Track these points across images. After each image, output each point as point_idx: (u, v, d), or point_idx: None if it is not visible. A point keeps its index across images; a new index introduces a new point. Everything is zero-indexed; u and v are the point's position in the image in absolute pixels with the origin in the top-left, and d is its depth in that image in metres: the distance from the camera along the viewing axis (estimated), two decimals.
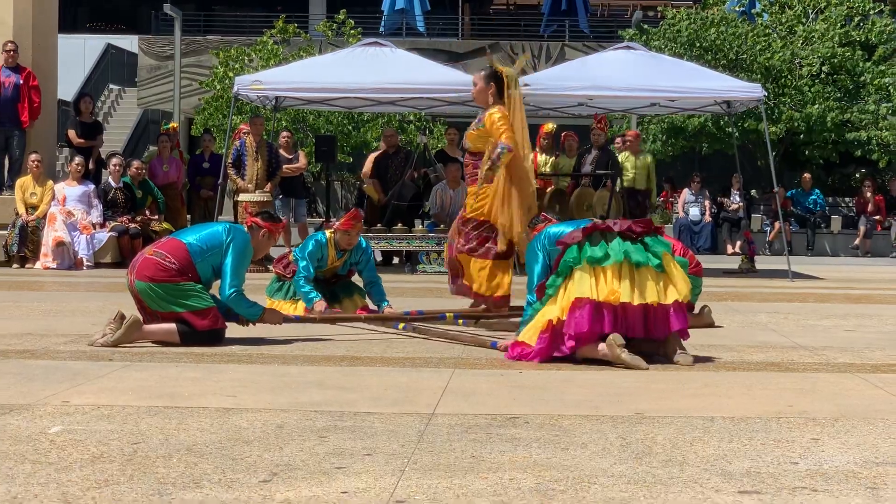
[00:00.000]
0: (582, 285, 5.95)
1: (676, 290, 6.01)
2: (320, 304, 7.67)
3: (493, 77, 7.66)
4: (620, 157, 15.93)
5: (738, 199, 21.49)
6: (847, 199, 24.60)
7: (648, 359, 5.95)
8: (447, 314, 7.74)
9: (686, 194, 22.10)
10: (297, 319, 7.39)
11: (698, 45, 23.39)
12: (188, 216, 16.19)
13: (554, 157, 15.53)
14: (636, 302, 5.91)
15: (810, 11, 25.50)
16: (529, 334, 6.16)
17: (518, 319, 6.85)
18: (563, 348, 5.97)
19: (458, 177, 13.87)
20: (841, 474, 3.64)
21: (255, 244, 6.83)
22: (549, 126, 15.75)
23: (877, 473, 3.66)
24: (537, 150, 15.69)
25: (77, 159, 14.81)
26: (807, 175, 23.31)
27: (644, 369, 5.84)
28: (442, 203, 14.15)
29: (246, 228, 6.90)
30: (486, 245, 7.66)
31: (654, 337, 6.02)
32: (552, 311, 6.05)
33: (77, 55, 30.07)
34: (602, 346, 5.92)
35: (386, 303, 8.05)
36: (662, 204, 22.06)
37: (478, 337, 7.01)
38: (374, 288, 8.20)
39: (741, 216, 20.65)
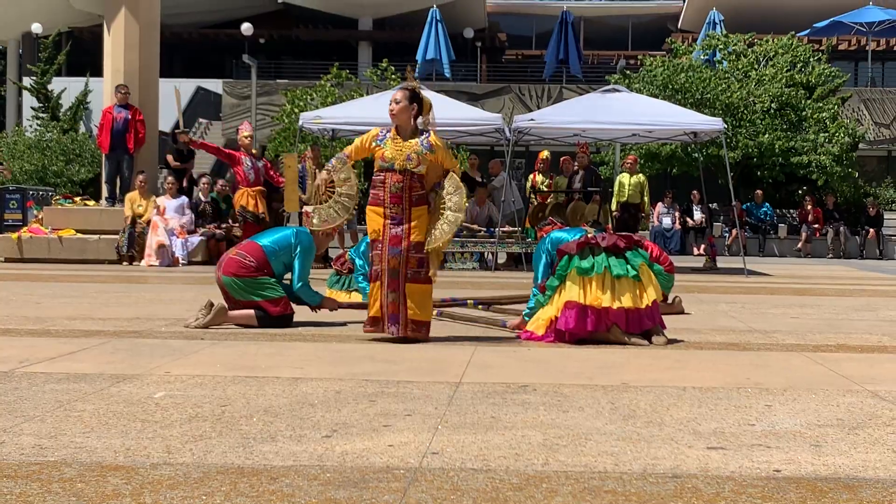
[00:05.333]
0: (572, 291, 6.00)
1: (648, 296, 6.02)
2: None
3: (416, 98, 6.20)
4: (621, 176, 15.93)
5: (698, 212, 21.40)
6: (791, 211, 24.40)
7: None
8: (468, 301, 7.75)
9: (660, 207, 22.01)
10: (349, 306, 7.40)
11: (670, 87, 23.26)
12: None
13: (549, 178, 15.61)
14: (615, 306, 5.93)
15: (762, 59, 25.33)
16: (537, 325, 6.18)
17: (522, 308, 6.87)
18: (565, 340, 5.99)
19: (485, 198, 13.99)
20: (790, 434, 3.62)
21: (317, 242, 6.83)
22: (545, 153, 15.88)
23: (819, 434, 3.64)
24: (536, 171, 15.74)
25: (170, 178, 14.90)
26: (759, 191, 23.15)
27: (645, 345, 5.88)
28: (471, 216, 14.24)
29: (309, 230, 6.92)
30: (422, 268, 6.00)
31: (630, 332, 6.02)
32: (551, 310, 6.10)
33: (173, 96, 30.20)
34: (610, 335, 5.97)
35: None
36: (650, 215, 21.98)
37: (491, 317, 7.09)
38: None
39: (704, 225, 20.52)
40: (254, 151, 12.72)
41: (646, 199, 15.81)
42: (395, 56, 30.69)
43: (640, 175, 16.30)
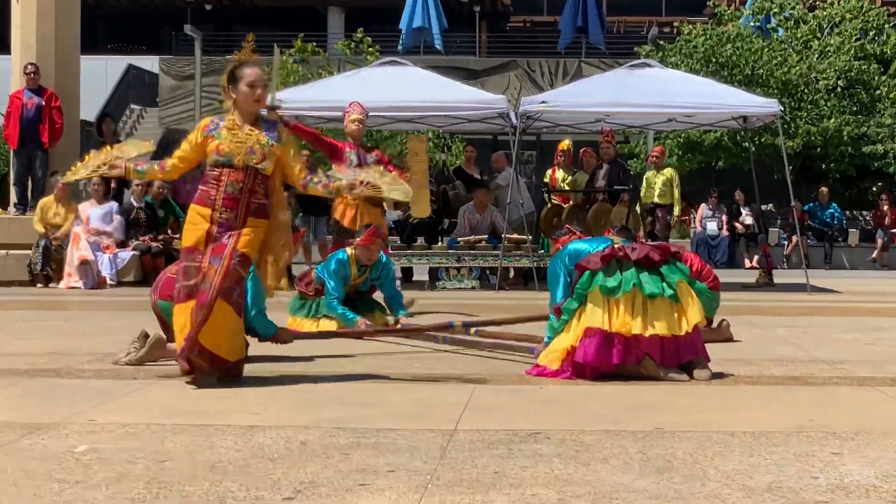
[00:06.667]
0: (594, 315, 6.00)
1: (688, 321, 6.02)
2: (362, 323, 7.72)
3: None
4: (649, 173, 15.94)
5: (749, 215, 21.44)
6: (864, 213, 24.50)
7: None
8: (455, 322, 7.64)
9: (703, 209, 22.07)
10: (312, 336, 7.39)
11: (714, 60, 23.37)
12: None
13: (572, 174, 15.52)
14: (648, 334, 5.93)
15: (825, 26, 25.46)
16: (550, 357, 6.18)
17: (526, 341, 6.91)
18: (586, 376, 5.98)
19: (486, 202, 13.95)
20: (862, 488, 3.62)
21: None
22: (566, 143, 15.75)
23: None
24: (555, 166, 15.72)
25: (95, 178, 14.85)
26: (824, 189, 23.22)
27: (685, 380, 5.90)
28: (469, 225, 14.13)
29: None
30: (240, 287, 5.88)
31: (666, 366, 6.02)
32: (567, 338, 6.08)
33: (99, 76, 30.23)
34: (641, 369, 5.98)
35: (402, 311, 8.10)
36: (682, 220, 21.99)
37: (515, 344, 7.05)
38: (394, 301, 8.27)
39: (757, 231, 20.57)
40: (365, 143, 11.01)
41: (676, 195, 15.82)
42: (373, 25, 30.78)
43: (669, 170, 16.35)
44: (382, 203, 10.49)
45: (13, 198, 15.54)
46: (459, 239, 13.84)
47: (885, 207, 22.50)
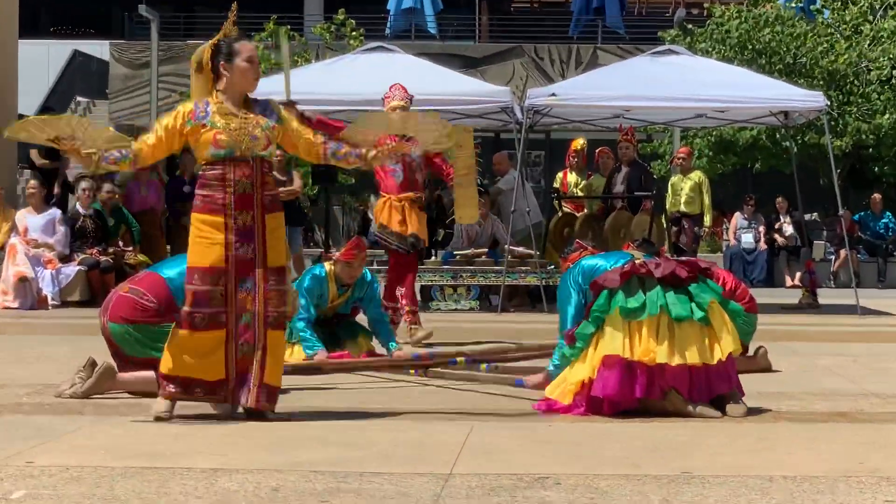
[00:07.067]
0: (613, 341, 5.99)
1: (721, 348, 6.02)
2: (322, 356, 7.66)
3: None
4: (675, 178, 15.94)
5: (791, 225, 21.41)
6: None
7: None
8: (458, 359, 7.70)
9: (738, 219, 22.06)
10: (286, 371, 7.37)
11: (750, 47, 23.40)
12: (168, 247, 16.21)
13: (586, 178, 15.54)
14: (675, 362, 5.93)
15: (878, 7, 25.50)
16: (561, 390, 6.17)
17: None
18: (603, 412, 5.99)
19: (487, 210, 13.92)
20: None
21: None
22: (580, 142, 15.76)
23: None
24: (567, 169, 15.73)
25: (33, 182, 14.84)
26: (876, 195, 23.23)
27: (717, 417, 5.91)
28: (467, 237, 14.12)
29: None
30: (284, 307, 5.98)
31: (695, 400, 6.02)
32: (583, 369, 6.07)
33: (40, 63, 30.22)
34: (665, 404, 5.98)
35: (394, 345, 8.07)
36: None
37: (499, 375, 7.05)
38: (381, 327, 8.24)
39: (800, 244, 20.57)
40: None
41: (706, 202, 15.84)
42: (355, 5, 30.81)
43: (698, 173, 16.38)
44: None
45: None
46: (456, 253, 13.85)
47: None
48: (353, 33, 27.21)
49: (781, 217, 21.92)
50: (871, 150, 23.95)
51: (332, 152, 6.00)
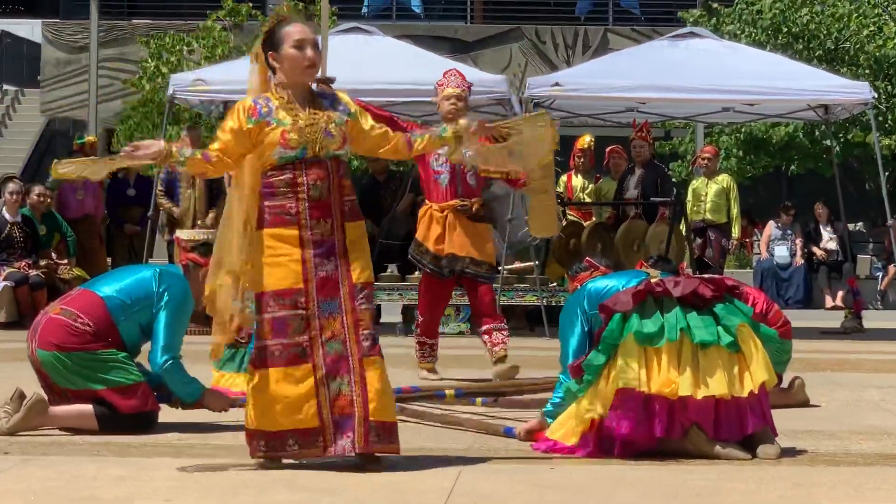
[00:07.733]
0: (628, 372, 5.97)
1: (752, 378, 6.01)
2: None
3: None
4: (697, 182, 15.95)
5: (832, 237, 21.43)
6: None
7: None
8: (447, 391, 7.69)
9: (771, 229, 22.06)
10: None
11: (785, 30, 23.47)
12: (108, 259, 16.19)
13: (594, 181, 15.54)
14: (699, 395, 5.92)
15: None
16: (566, 429, 6.15)
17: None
18: (613, 453, 5.99)
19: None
20: None
21: (195, 289, 6.80)
22: (586, 139, 15.74)
23: None
24: (572, 170, 15.73)
25: None
26: None
27: (746, 459, 5.90)
28: None
29: (181, 270, 6.90)
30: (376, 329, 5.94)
31: (722, 439, 6.02)
32: (592, 406, 6.04)
33: None
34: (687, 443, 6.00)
35: None
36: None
37: (485, 421, 7.03)
38: None
39: (842, 259, 20.60)
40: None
41: (734, 210, 15.87)
42: None
43: (725, 176, 16.41)
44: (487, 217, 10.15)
45: None
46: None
47: None
48: (329, 15, 27.21)
49: (821, 227, 21.95)
50: None
51: (412, 141, 5.96)
